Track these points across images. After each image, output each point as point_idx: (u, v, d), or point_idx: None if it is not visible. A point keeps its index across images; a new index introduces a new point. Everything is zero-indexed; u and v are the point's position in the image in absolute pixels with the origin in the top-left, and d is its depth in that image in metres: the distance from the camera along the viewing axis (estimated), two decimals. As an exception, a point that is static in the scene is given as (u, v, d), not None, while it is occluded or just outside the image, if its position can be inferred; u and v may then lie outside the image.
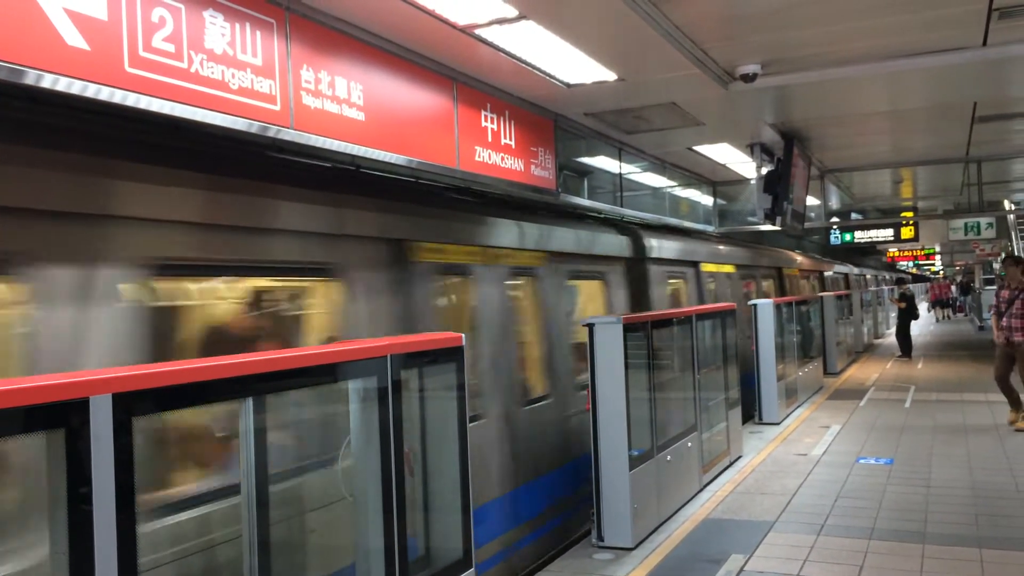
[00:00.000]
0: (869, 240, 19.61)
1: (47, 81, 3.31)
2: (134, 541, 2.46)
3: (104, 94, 3.52)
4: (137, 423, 2.49)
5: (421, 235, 6.02)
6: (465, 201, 7.05)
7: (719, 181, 13.87)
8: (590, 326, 6.87)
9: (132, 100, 3.65)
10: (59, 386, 2.37)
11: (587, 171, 9.86)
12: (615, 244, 9.44)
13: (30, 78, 3.26)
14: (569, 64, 6.43)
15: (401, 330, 5.64)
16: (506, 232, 7.12)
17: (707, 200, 14.27)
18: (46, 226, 3.42)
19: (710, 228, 14.03)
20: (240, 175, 4.47)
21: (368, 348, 3.89)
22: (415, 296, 5.88)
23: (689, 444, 8.20)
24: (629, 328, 6.89)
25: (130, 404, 2.46)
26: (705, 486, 8.57)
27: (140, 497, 2.51)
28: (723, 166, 12.30)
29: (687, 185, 13.36)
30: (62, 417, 2.35)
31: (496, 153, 6.81)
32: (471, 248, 6.64)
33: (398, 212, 5.80)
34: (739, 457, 9.95)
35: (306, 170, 5.36)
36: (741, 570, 6.12)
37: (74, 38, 3.39)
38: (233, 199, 4.33)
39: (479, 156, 6.56)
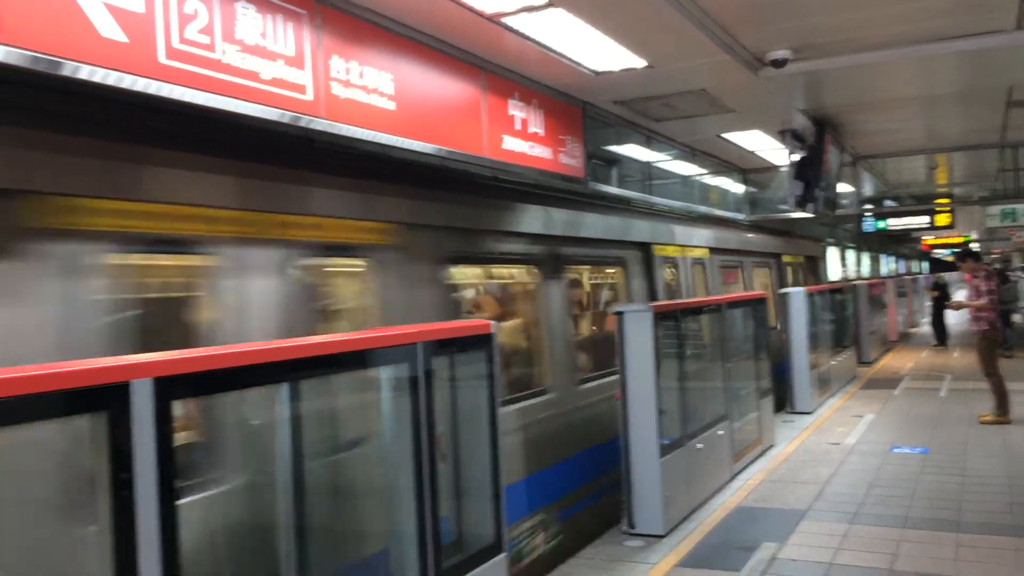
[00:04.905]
0: (903, 227, 19.31)
1: (84, 72, 3.37)
2: (175, 522, 2.52)
3: (139, 85, 3.58)
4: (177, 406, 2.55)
5: None
6: None
7: (749, 168, 13.76)
8: (619, 314, 6.86)
9: (166, 91, 3.71)
10: (101, 370, 2.43)
11: (616, 159, 9.83)
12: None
13: (67, 69, 3.33)
14: (597, 51, 6.42)
15: None
16: None
17: (737, 188, 14.17)
18: None
19: (740, 216, 13.93)
20: None
21: (399, 335, 3.93)
22: None
23: (720, 432, 8.17)
24: (659, 316, 6.88)
25: (170, 388, 2.52)
26: (736, 474, 8.53)
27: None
28: (752, 153, 12.20)
29: (717, 173, 13.26)
30: (104, 400, 2.41)
31: (524, 141, 6.81)
32: None
33: None
34: (771, 446, 9.90)
35: None
36: (773, 558, 6.09)
37: (109, 30, 3.45)
38: None
39: (507, 144, 6.57)
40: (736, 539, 6.56)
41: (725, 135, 10.76)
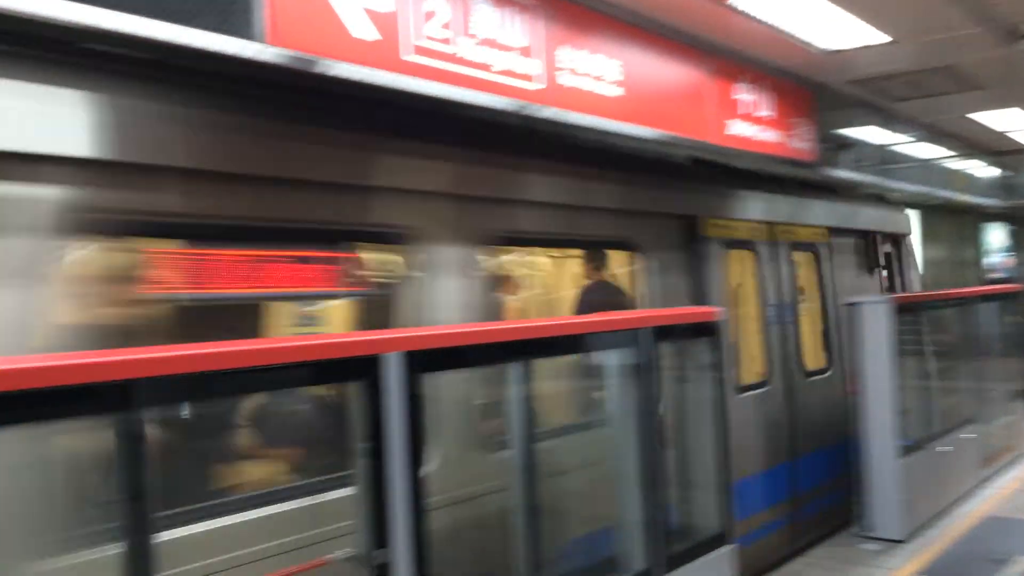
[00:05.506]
0: None
1: (337, 69, 3.64)
2: (422, 481, 2.67)
3: (386, 80, 3.81)
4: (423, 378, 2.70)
5: None
6: None
7: (1001, 151, 12.56)
8: (854, 305, 6.52)
9: (410, 85, 3.93)
10: (356, 343, 2.64)
11: (850, 142, 9.30)
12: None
13: (321, 67, 3.61)
14: (832, 28, 6.08)
15: None
16: None
17: (987, 172, 12.99)
18: None
19: (991, 202, 12.76)
20: None
21: (625, 320, 3.94)
22: None
23: (966, 436, 7.56)
24: (898, 309, 6.46)
25: (418, 361, 2.67)
26: (986, 481, 7.85)
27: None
28: (1004, 134, 11.12)
29: (963, 156, 12.21)
30: (359, 371, 2.60)
31: (752, 125, 6.59)
32: None
33: None
34: (1027, 453, 9.02)
35: None
36: (1031, 574, 5.57)
37: (360, 30, 3.70)
38: None
39: (733, 129, 6.39)
40: (985, 550, 6.05)
41: (972, 115, 9.87)
